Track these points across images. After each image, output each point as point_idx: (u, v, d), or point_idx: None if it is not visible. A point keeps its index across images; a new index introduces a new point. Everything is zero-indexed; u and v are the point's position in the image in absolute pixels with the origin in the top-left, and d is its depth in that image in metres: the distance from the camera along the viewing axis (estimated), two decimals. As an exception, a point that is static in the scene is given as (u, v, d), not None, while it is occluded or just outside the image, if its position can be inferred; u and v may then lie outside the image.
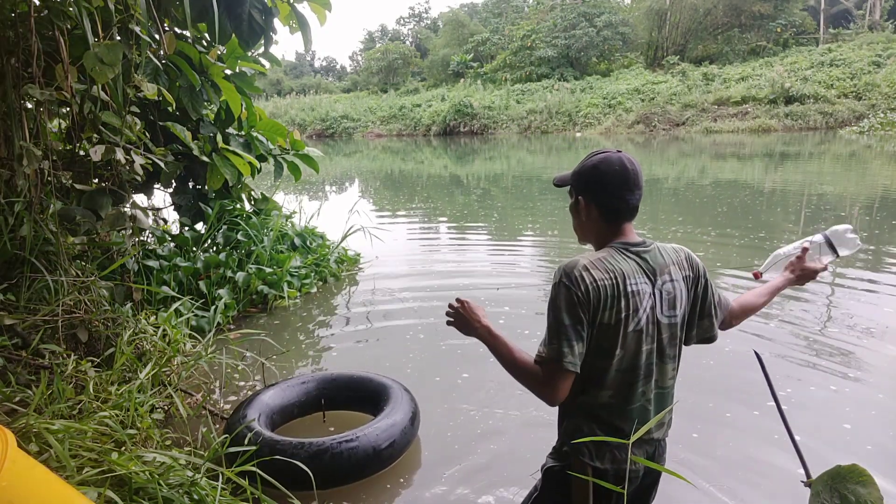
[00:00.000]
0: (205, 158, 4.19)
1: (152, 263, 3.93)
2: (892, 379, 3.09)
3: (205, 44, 3.96)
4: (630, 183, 1.33)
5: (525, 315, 4.18)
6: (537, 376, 1.32)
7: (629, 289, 1.29)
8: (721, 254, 5.75)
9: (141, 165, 2.89)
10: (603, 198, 1.35)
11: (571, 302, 1.27)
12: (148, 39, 3.09)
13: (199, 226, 4.69)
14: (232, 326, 3.96)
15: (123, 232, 3.21)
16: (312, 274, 4.99)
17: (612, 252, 1.33)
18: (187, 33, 3.82)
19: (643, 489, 1.46)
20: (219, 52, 4.04)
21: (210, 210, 4.55)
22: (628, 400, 1.35)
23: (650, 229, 7.05)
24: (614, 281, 1.28)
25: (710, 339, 1.49)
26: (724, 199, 9.04)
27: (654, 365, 1.37)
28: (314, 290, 4.91)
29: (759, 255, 5.63)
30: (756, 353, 1.55)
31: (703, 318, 1.45)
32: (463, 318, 1.44)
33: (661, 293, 1.34)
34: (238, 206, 4.94)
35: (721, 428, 2.67)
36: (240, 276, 4.29)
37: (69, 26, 2.60)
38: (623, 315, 1.28)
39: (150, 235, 4.33)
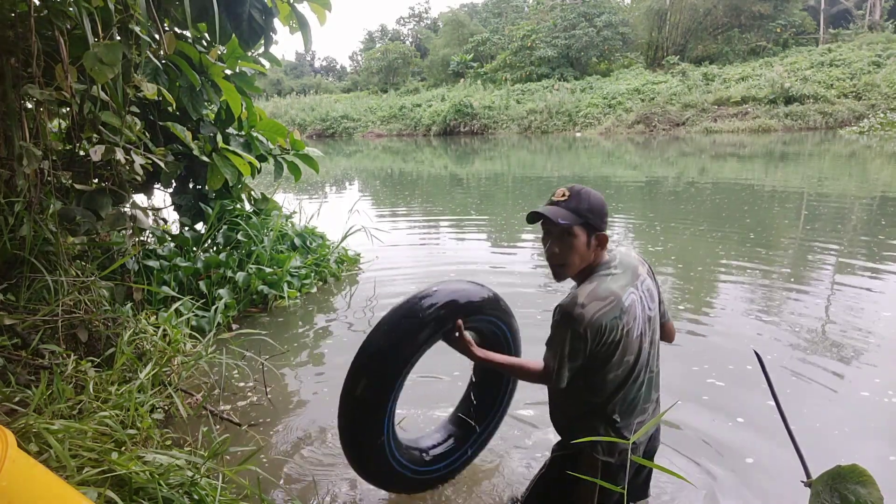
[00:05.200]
0: (205, 158, 4.18)
1: (152, 263, 3.93)
2: (893, 379, 3.09)
3: (205, 44, 3.96)
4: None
5: (528, 315, 4.18)
6: (539, 375, 1.57)
7: (625, 303, 1.48)
8: (720, 251, 5.74)
9: (141, 165, 2.89)
10: (605, 226, 1.54)
11: (573, 337, 1.45)
12: (148, 39, 3.09)
13: (199, 226, 4.68)
14: (236, 326, 3.95)
15: (123, 232, 3.21)
16: (312, 274, 4.98)
17: (600, 279, 1.50)
18: (187, 33, 3.82)
19: (640, 471, 1.74)
20: (219, 52, 4.04)
21: (210, 210, 4.55)
22: (632, 390, 1.56)
23: (652, 229, 7.05)
24: (613, 304, 1.45)
25: (665, 322, 1.72)
26: (724, 199, 9.04)
27: (650, 355, 1.59)
28: (314, 290, 4.91)
29: (759, 252, 5.63)
30: (756, 352, 1.55)
31: (661, 303, 1.67)
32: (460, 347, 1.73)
33: (642, 293, 1.55)
34: (238, 206, 4.93)
35: (720, 427, 2.67)
36: (240, 276, 4.28)
37: (69, 26, 2.60)
38: (627, 328, 1.48)
39: (150, 235, 4.33)
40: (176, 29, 3.67)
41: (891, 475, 2.27)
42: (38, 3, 2.49)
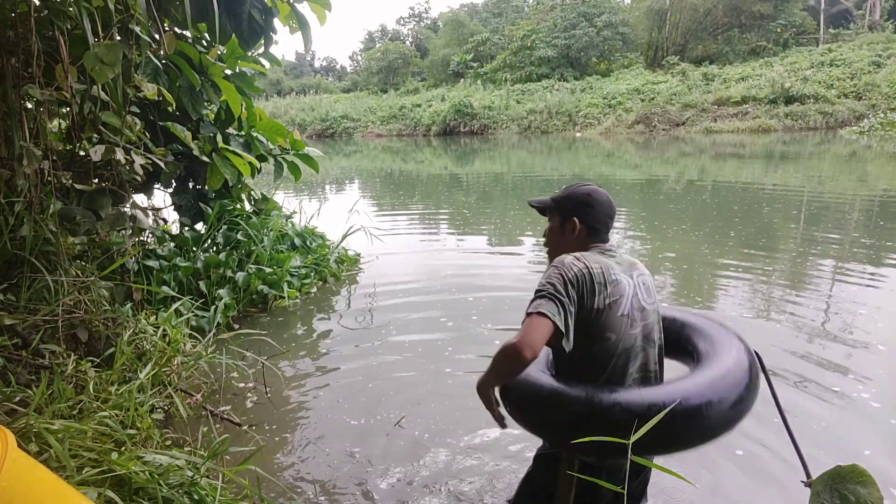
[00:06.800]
0: (205, 158, 4.18)
1: (152, 263, 3.93)
2: (892, 380, 3.09)
3: (205, 44, 3.96)
4: (612, 211, 1.66)
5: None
6: (516, 338, 1.36)
7: (612, 277, 1.49)
8: (719, 251, 5.75)
9: (141, 165, 2.89)
10: (593, 220, 1.62)
11: (562, 280, 1.44)
12: (148, 39, 3.09)
13: (199, 226, 4.68)
14: (236, 326, 3.95)
15: (123, 232, 3.21)
16: (312, 274, 4.98)
17: (593, 251, 1.57)
18: (187, 33, 3.82)
19: (629, 476, 1.60)
20: (219, 52, 4.04)
21: (210, 210, 4.55)
22: (621, 383, 1.51)
23: (649, 230, 7.05)
24: (601, 269, 1.49)
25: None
26: (724, 200, 9.04)
27: (642, 349, 1.54)
28: (314, 290, 4.91)
29: (758, 251, 5.63)
30: (756, 353, 1.55)
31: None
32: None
33: (638, 283, 1.56)
34: (238, 206, 4.93)
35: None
36: (240, 276, 4.28)
37: (69, 26, 2.60)
38: (611, 300, 1.47)
39: (150, 235, 4.33)
40: (176, 29, 3.67)
41: (891, 475, 2.27)
42: (38, 3, 2.49)
